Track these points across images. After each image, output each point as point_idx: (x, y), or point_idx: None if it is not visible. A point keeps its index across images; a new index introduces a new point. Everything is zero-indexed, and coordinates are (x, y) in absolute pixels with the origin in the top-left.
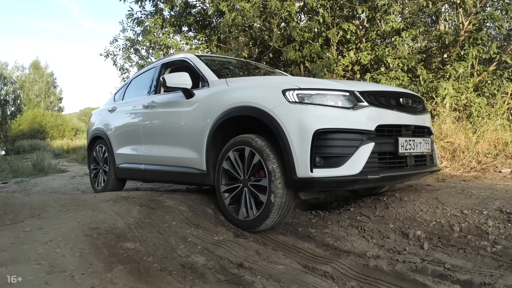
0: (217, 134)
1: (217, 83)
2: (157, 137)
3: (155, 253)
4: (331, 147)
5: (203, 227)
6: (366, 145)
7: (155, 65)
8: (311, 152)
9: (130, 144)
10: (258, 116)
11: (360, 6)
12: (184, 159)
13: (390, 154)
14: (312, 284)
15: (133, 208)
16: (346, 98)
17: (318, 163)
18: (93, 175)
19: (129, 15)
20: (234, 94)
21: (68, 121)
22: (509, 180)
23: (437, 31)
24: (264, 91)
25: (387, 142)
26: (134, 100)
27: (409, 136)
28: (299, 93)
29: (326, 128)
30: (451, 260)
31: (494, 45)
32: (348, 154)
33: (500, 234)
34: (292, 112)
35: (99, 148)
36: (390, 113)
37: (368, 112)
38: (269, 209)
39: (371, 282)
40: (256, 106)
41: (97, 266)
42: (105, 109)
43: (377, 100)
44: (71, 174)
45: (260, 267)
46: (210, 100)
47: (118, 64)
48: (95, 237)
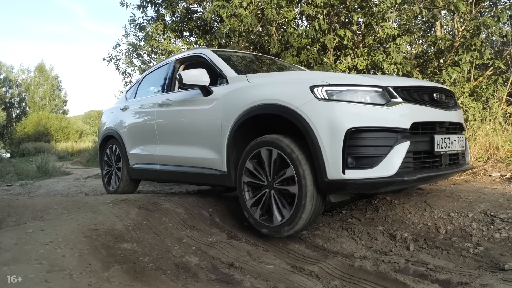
0: (238, 134)
1: (237, 80)
2: (173, 136)
3: (151, 253)
4: (364, 146)
5: (198, 229)
6: (402, 144)
7: (168, 61)
8: (343, 153)
9: (145, 144)
10: (284, 115)
11: (356, 13)
12: (203, 159)
13: (425, 153)
14: (298, 283)
15: (131, 210)
16: (379, 94)
17: (351, 164)
18: (105, 176)
19: (131, 20)
20: (256, 91)
21: (72, 124)
22: (497, 184)
23: (432, 37)
24: (290, 87)
25: (422, 141)
26: (147, 98)
27: (444, 134)
28: (328, 90)
29: (359, 127)
30: (434, 261)
31: (487, 51)
32: (382, 154)
33: (483, 236)
34: (321, 110)
35: (112, 148)
36: (425, 110)
37: (402, 109)
38: (297, 216)
39: (354, 282)
40: (282, 104)
41: (95, 266)
42: (117, 107)
43: (410, 95)
44: (75, 176)
45: (250, 266)
46: (230, 98)
47: (120, 68)
48: (94, 238)
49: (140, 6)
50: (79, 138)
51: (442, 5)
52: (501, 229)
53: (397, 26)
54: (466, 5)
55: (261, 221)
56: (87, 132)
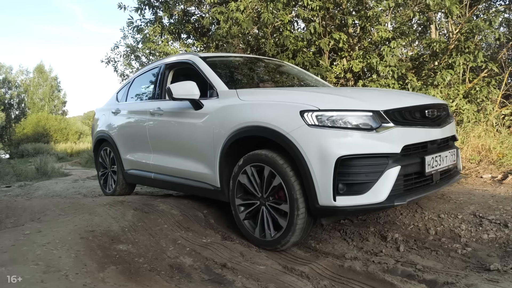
0: (230, 151)
1: (227, 95)
2: (166, 147)
3: (146, 254)
4: (354, 174)
5: (193, 230)
6: (392, 169)
7: (158, 64)
8: (334, 180)
9: (138, 151)
10: (275, 139)
11: (350, 17)
12: (197, 173)
13: (416, 174)
14: (288, 283)
15: (127, 212)
16: (370, 119)
17: (341, 190)
18: (102, 178)
19: (129, 23)
20: (246, 111)
21: (72, 125)
22: (488, 186)
23: (427, 40)
24: (280, 110)
25: (413, 163)
26: (138, 103)
27: (435, 152)
28: (318, 115)
29: (350, 155)
30: (423, 261)
31: (480, 54)
32: (372, 180)
33: (471, 237)
34: (312, 136)
35: (106, 151)
36: (416, 131)
37: (393, 133)
38: (289, 234)
39: (344, 282)
40: (272, 128)
41: (91, 267)
42: (109, 109)
43: (402, 116)
44: (74, 178)
45: (242, 267)
46: (221, 115)
47: (119, 70)
48: (91, 239)
49: (138, 8)
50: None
51: (436, 9)
52: (489, 230)
53: (392, 29)
54: (460, 8)
55: (255, 236)
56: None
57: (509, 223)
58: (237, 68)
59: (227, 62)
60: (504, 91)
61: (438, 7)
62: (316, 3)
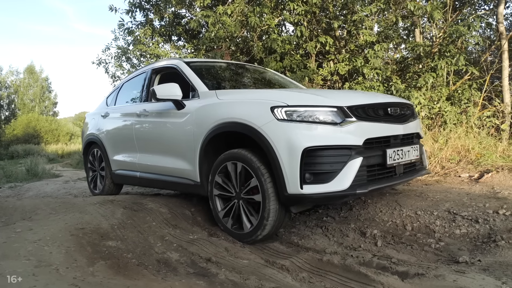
0: (209, 148)
1: (207, 95)
2: (151, 146)
3: (135, 250)
4: (320, 164)
5: (180, 227)
6: (354, 160)
7: (145, 70)
8: (300, 170)
9: (125, 152)
10: (248, 133)
11: (336, 21)
12: (179, 170)
13: (379, 165)
14: (269, 275)
15: (117, 210)
16: (334, 114)
17: (308, 179)
18: (90, 179)
19: (120, 25)
20: (223, 109)
21: (63, 126)
22: (465, 184)
23: (411, 43)
24: (253, 107)
25: (375, 155)
26: (126, 106)
27: (397, 146)
28: (287, 110)
29: (315, 146)
30: (398, 255)
31: (461, 57)
32: (336, 170)
33: (445, 232)
34: (280, 130)
35: (95, 153)
36: (378, 126)
37: (356, 127)
38: (263, 223)
39: (322, 274)
40: (245, 123)
41: (81, 262)
42: (98, 113)
43: (365, 113)
44: (65, 179)
45: (226, 261)
46: (200, 113)
47: (110, 72)
48: (81, 236)
49: (129, 11)
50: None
51: (418, 13)
52: (461, 226)
53: (376, 33)
54: (443, 12)
55: (233, 229)
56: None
57: (480, 219)
58: (218, 72)
59: (210, 67)
60: (486, 93)
61: (421, 11)
62: (302, 8)
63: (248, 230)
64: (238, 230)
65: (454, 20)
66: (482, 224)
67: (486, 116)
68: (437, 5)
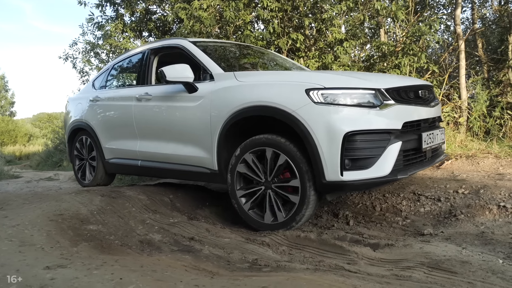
0: (230, 133)
1: (224, 77)
2: (155, 132)
3: (116, 233)
4: (360, 149)
5: (160, 212)
6: (394, 145)
7: (141, 50)
8: (341, 156)
9: (122, 139)
10: (280, 118)
11: (307, 18)
12: (191, 157)
13: (413, 150)
14: (251, 249)
15: (95, 198)
16: (373, 97)
17: (347, 165)
18: (78, 169)
19: (89, 19)
20: (248, 92)
21: (20, 127)
22: (427, 170)
23: (376, 42)
24: (285, 90)
25: (411, 139)
26: (121, 90)
27: (428, 130)
28: (324, 93)
29: (356, 130)
30: (369, 232)
31: (423, 55)
32: (376, 155)
33: (410, 211)
34: (318, 114)
35: (83, 140)
36: (413, 109)
37: (394, 110)
38: (302, 210)
39: (300, 247)
40: (277, 107)
41: (64, 243)
42: (86, 98)
43: (400, 95)
44: (26, 179)
45: (208, 240)
46: (218, 97)
47: (77, 67)
48: (60, 221)
49: (99, 5)
50: (27, 142)
51: (384, 13)
52: (425, 205)
53: (345, 31)
54: (405, 13)
55: (264, 222)
56: (36, 135)
57: (442, 198)
58: (226, 53)
59: (217, 48)
60: (445, 90)
61: (386, 11)
62: (275, 5)
63: (284, 218)
64: (271, 222)
65: (415, 21)
66: (444, 202)
67: (445, 111)
68: (400, 7)
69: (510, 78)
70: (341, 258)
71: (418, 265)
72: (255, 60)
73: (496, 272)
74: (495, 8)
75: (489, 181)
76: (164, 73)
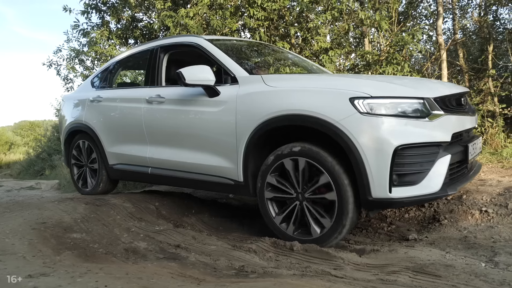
0: (259, 142)
1: (250, 81)
2: (169, 138)
3: (101, 241)
4: (409, 164)
5: (145, 220)
6: (444, 158)
7: (149, 47)
8: (390, 171)
9: (129, 143)
10: (321, 129)
11: (293, 27)
12: (211, 166)
13: (459, 162)
14: (237, 256)
15: (78, 206)
16: (422, 106)
17: (395, 181)
18: (76, 175)
19: (74, 26)
20: (281, 99)
21: (1, 135)
22: None
23: (361, 51)
24: (326, 98)
25: (458, 151)
26: (129, 90)
27: (471, 140)
28: (370, 103)
29: (407, 144)
30: (355, 238)
31: (406, 64)
32: (426, 169)
33: (395, 217)
34: (365, 125)
35: (82, 144)
36: (459, 118)
37: (443, 121)
38: (338, 228)
39: (286, 254)
40: (318, 117)
41: (46, 252)
42: (85, 98)
43: (445, 104)
44: (6, 188)
45: (195, 247)
46: (245, 102)
47: (62, 74)
48: (43, 230)
49: (84, 12)
50: (8, 150)
51: (368, 23)
52: (409, 210)
53: (330, 40)
54: (389, 23)
55: (295, 236)
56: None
57: (425, 204)
58: (246, 53)
59: (236, 47)
60: None
61: (370, 21)
62: (261, 14)
63: (319, 234)
64: (303, 236)
65: (399, 31)
66: (428, 208)
67: None
68: (384, 17)
69: (490, 87)
70: (327, 264)
71: (403, 269)
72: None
73: (479, 275)
74: (475, 19)
75: (471, 187)
76: (183, 75)
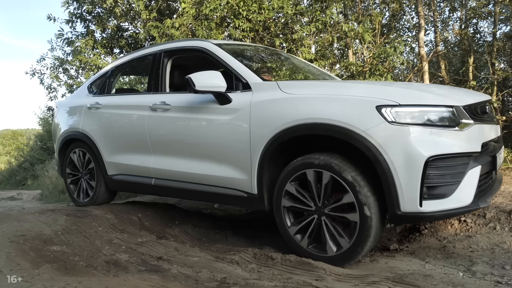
0: (275, 153)
1: (265, 87)
2: (175, 148)
3: (81, 253)
4: (440, 176)
5: (128, 232)
6: (474, 169)
7: (152, 51)
8: (421, 184)
9: (131, 153)
10: (346, 139)
11: (278, 38)
12: (222, 178)
13: (486, 173)
14: (220, 268)
15: (59, 217)
16: (452, 115)
17: (425, 194)
18: (72, 186)
19: (59, 34)
20: (300, 106)
21: None
22: None
23: (345, 63)
24: (350, 106)
25: (487, 162)
26: (130, 97)
27: (497, 150)
28: (399, 111)
29: (438, 155)
30: None
31: (389, 75)
32: (456, 181)
33: None
34: (394, 135)
35: (78, 153)
36: (486, 127)
37: (473, 130)
38: (357, 250)
39: (269, 265)
40: (342, 126)
41: (25, 265)
42: (81, 104)
43: (473, 113)
44: None
45: (177, 259)
46: (260, 110)
47: (45, 83)
48: (22, 242)
49: (69, 21)
50: None
51: (352, 35)
52: None
53: (314, 51)
54: (372, 35)
55: (309, 250)
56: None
57: None
58: (257, 58)
59: (244, 51)
60: None
61: (353, 33)
62: (247, 25)
63: (335, 253)
64: (317, 252)
65: (382, 43)
66: None
67: None
68: (367, 29)
69: None
70: (309, 274)
71: (383, 279)
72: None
73: (457, 285)
74: (456, 31)
75: None
76: (193, 81)
